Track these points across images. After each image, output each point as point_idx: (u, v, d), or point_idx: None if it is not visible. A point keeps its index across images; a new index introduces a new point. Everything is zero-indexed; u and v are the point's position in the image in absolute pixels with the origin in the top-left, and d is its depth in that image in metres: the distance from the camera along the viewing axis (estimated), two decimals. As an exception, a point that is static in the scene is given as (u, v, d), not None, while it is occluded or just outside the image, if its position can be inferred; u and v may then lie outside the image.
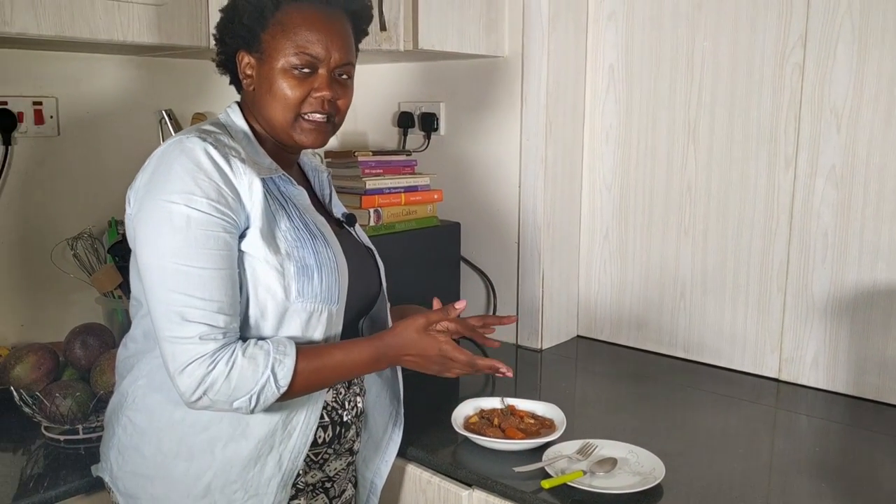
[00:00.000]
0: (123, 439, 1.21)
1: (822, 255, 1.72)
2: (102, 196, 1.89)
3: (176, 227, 1.07)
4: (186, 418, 1.16)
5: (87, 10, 1.45)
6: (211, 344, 1.07)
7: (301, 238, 1.17)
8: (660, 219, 1.96)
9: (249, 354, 1.09)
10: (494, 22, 1.94)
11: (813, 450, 1.49)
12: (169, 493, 1.17)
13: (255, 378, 1.09)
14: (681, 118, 1.89)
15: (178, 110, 1.97)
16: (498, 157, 2.05)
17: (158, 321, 1.09)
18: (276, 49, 1.17)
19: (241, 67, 1.22)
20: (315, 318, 1.17)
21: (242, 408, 1.10)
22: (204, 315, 1.07)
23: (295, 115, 1.19)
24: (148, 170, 1.13)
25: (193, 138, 1.11)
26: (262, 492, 1.19)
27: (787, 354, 1.79)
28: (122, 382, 1.24)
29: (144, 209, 1.10)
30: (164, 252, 1.07)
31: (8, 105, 1.72)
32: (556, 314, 2.07)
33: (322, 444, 1.26)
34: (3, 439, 1.48)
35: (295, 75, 1.18)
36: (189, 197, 1.07)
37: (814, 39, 1.67)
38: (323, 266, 1.17)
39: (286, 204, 1.19)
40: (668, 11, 1.88)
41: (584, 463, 1.33)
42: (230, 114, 1.25)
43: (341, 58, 1.20)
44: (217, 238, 1.09)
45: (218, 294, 1.08)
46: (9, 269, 1.78)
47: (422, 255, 1.98)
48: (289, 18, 1.17)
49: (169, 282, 1.07)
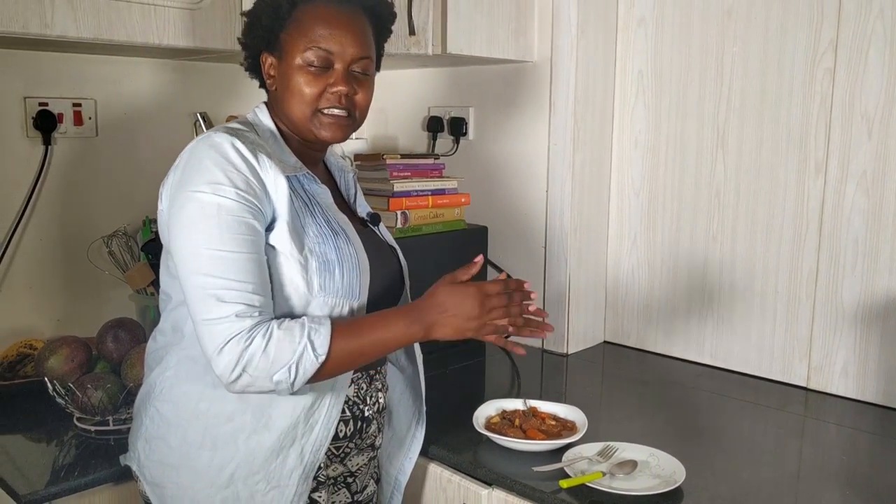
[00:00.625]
0: (151, 429, 1.24)
1: (853, 263, 1.69)
2: (137, 195, 1.94)
3: (207, 215, 1.10)
4: (211, 409, 1.18)
5: (125, 13, 1.50)
6: (248, 321, 1.08)
7: (323, 234, 1.19)
8: (688, 225, 1.95)
9: (285, 327, 1.10)
10: (523, 27, 1.96)
11: (841, 459, 1.47)
12: (193, 483, 1.20)
13: (293, 348, 1.09)
14: (710, 124, 1.88)
15: (212, 113, 2.02)
16: (526, 161, 2.06)
17: (195, 306, 1.10)
18: (292, 47, 1.20)
19: (265, 69, 1.26)
20: (336, 313, 1.19)
21: (283, 381, 1.09)
22: (240, 296, 1.09)
23: (313, 110, 1.21)
24: (179, 167, 1.17)
25: (221, 134, 1.15)
26: (283, 483, 1.20)
27: (816, 363, 1.77)
28: (150, 374, 1.28)
29: (176, 202, 1.14)
30: (198, 240, 1.10)
31: (48, 106, 1.78)
32: (583, 319, 2.07)
33: (343, 438, 1.27)
34: (37, 429, 1.52)
35: (311, 71, 1.20)
36: (217, 187, 1.10)
37: (845, 44, 1.65)
38: (344, 262, 1.19)
39: (310, 202, 1.22)
40: (697, 17, 1.88)
41: (604, 465, 1.33)
42: (257, 113, 1.28)
43: (357, 53, 1.21)
44: (247, 224, 1.11)
45: (251, 276, 1.10)
46: (47, 266, 1.83)
47: (448, 258, 1.97)
48: (304, 16, 1.20)
49: (204, 267, 1.09)
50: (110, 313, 1.82)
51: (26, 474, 1.33)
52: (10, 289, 1.78)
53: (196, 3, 1.61)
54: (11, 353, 1.68)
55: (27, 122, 1.76)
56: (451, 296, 1.15)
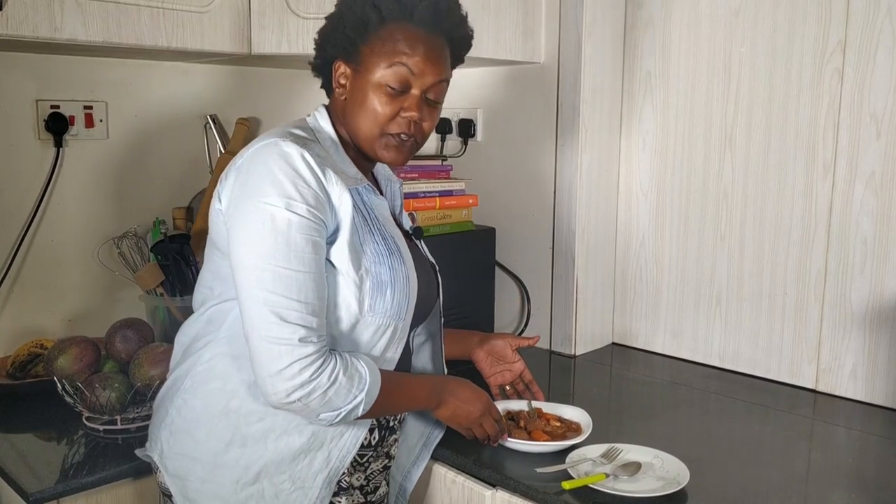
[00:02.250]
0: (177, 421, 1.23)
1: (861, 264, 1.68)
2: (148, 197, 1.96)
3: (277, 230, 1.09)
4: (242, 408, 1.18)
5: (133, 16, 1.51)
6: (309, 346, 1.09)
7: (380, 253, 1.19)
8: (696, 225, 1.95)
9: (349, 374, 1.13)
10: (531, 28, 1.96)
11: (849, 462, 1.46)
12: (218, 478, 1.19)
13: (348, 399, 1.14)
14: (718, 124, 1.88)
15: (222, 116, 2.03)
16: (534, 162, 2.06)
17: (254, 320, 1.10)
18: (373, 63, 1.19)
19: (336, 76, 1.24)
20: (381, 331, 1.20)
21: (325, 419, 1.14)
22: (301, 317, 1.09)
23: (382, 131, 1.21)
24: (242, 170, 1.15)
25: (290, 143, 1.13)
26: (307, 485, 1.21)
27: (825, 365, 1.76)
28: (180, 366, 1.26)
29: (241, 209, 1.12)
30: (264, 253, 1.10)
31: (60, 109, 1.80)
32: (591, 320, 2.07)
33: (368, 446, 1.29)
34: (47, 428, 1.54)
35: (388, 92, 1.19)
36: (290, 202, 1.10)
37: (853, 44, 1.64)
38: (396, 283, 1.20)
39: (369, 216, 1.21)
40: (705, 17, 1.87)
41: (608, 466, 1.32)
42: (318, 118, 1.27)
43: (434, 80, 1.20)
44: (314, 243, 1.12)
45: (312, 296, 1.11)
46: (58, 266, 1.85)
47: (456, 260, 1.99)
48: (391, 35, 1.19)
49: (268, 283, 1.09)
50: (121, 314, 1.84)
51: (36, 472, 1.34)
52: (22, 289, 1.81)
53: (205, 6, 1.62)
54: (23, 352, 1.70)
55: (39, 124, 1.78)
56: (470, 392, 1.35)
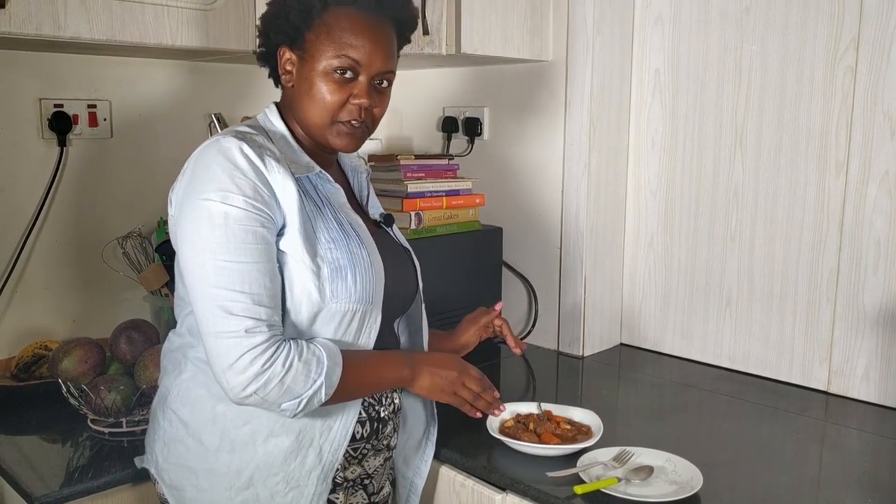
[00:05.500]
0: (169, 432, 1.24)
1: (875, 265, 1.66)
2: (152, 196, 1.94)
3: (214, 224, 1.09)
4: (228, 412, 1.18)
5: (137, 14, 1.50)
6: (258, 336, 1.09)
7: (335, 239, 1.18)
8: (705, 225, 1.93)
9: (305, 359, 1.12)
10: (538, 26, 1.94)
11: (863, 465, 1.44)
12: (213, 485, 1.19)
13: (308, 384, 1.12)
14: (728, 123, 1.85)
15: (226, 114, 2.02)
16: (541, 161, 2.04)
17: (203, 317, 1.10)
18: (318, 50, 1.18)
19: (282, 63, 1.24)
20: (349, 318, 1.18)
21: (289, 409, 1.12)
22: (246, 308, 1.09)
23: (332, 119, 1.20)
24: (187, 171, 1.16)
25: (229, 138, 1.14)
26: (302, 483, 1.20)
27: (837, 366, 1.74)
28: (166, 377, 1.27)
29: (184, 209, 1.13)
30: (204, 249, 1.10)
31: (64, 108, 1.78)
32: (599, 321, 2.05)
33: (360, 439, 1.27)
34: (51, 430, 1.53)
35: (335, 79, 1.19)
36: (226, 195, 1.10)
37: (867, 42, 1.62)
38: (357, 266, 1.18)
39: (322, 203, 1.21)
40: (715, 15, 1.85)
41: (620, 470, 1.31)
42: (268, 114, 1.27)
43: (383, 66, 1.20)
44: (255, 233, 1.11)
45: (257, 287, 1.10)
46: (62, 267, 1.84)
47: (463, 260, 1.98)
48: (335, 21, 1.18)
49: (211, 278, 1.09)
50: (125, 314, 1.82)
51: (40, 475, 1.33)
52: (25, 290, 1.79)
53: (209, 4, 1.60)
54: (27, 353, 1.69)
55: (42, 123, 1.77)
56: (440, 357, 1.34)
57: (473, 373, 1.35)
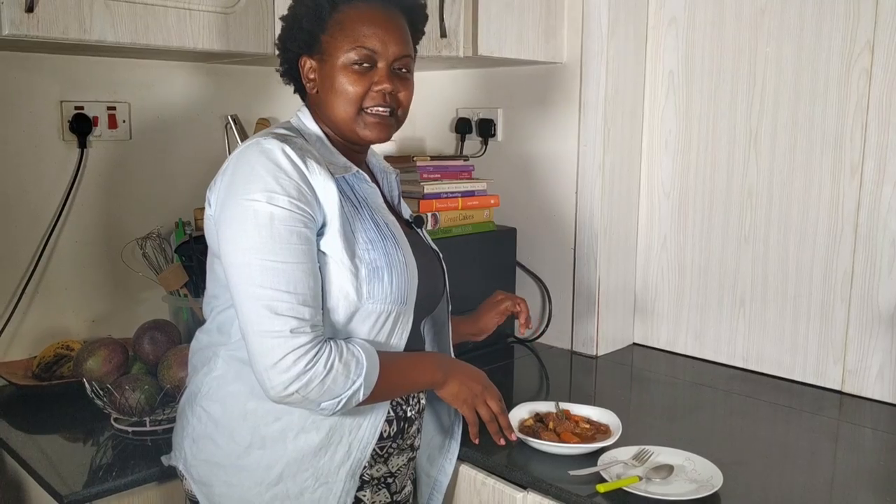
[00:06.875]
0: (198, 429, 1.25)
1: (889, 265, 1.67)
2: (171, 198, 1.96)
3: (260, 224, 1.11)
4: (259, 409, 1.19)
5: (161, 18, 1.51)
6: (302, 337, 1.10)
7: (373, 240, 1.20)
8: (719, 226, 1.94)
9: (345, 360, 1.13)
10: (553, 28, 1.95)
11: (879, 465, 1.45)
12: (242, 481, 1.20)
13: (347, 385, 1.13)
14: (742, 124, 1.87)
15: (243, 116, 2.03)
16: (555, 163, 2.05)
17: (248, 316, 1.11)
18: (335, 48, 1.21)
19: (304, 72, 1.26)
20: (384, 318, 1.20)
21: (327, 408, 1.14)
22: (292, 308, 1.10)
23: (357, 109, 1.22)
24: (228, 171, 1.17)
25: (271, 139, 1.15)
26: (331, 479, 1.22)
27: (851, 366, 1.75)
28: (196, 374, 1.28)
29: (227, 209, 1.14)
30: (250, 249, 1.11)
31: (84, 110, 1.80)
32: (612, 321, 2.06)
33: (387, 437, 1.28)
34: (74, 429, 1.54)
35: (355, 70, 1.21)
36: (271, 195, 1.11)
37: (882, 43, 1.63)
38: (393, 267, 1.20)
39: (360, 205, 1.22)
40: (730, 16, 1.86)
41: (640, 469, 1.32)
42: (301, 118, 1.29)
43: (399, 51, 1.23)
44: (299, 234, 1.12)
45: (301, 287, 1.12)
46: (82, 267, 1.86)
47: (478, 260, 1.99)
48: (346, 17, 1.21)
49: (256, 278, 1.10)
50: (144, 315, 1.84)
51: (64, 475, 1.34)
52: (46, 290, 1.81)
53: (230, 7, 1.62)
54: (49, 353, 1.71)
55: (63, 125, 1.79)
56: (471, 369, 1.37)
57: (495, 393, 1.38)
